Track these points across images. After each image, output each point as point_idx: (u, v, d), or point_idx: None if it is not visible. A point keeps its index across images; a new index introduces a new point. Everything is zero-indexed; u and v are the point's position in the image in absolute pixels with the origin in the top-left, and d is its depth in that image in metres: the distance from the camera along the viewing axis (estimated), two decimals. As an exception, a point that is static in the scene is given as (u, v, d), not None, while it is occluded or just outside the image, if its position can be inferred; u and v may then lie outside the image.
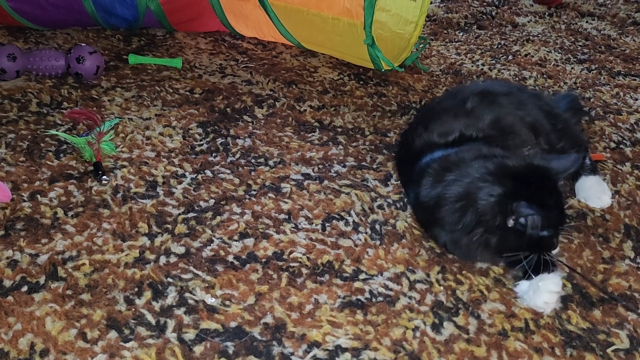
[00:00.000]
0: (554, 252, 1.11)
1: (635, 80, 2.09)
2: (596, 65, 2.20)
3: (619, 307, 1.09)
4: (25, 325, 0.93)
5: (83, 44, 1.71)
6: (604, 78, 2.10)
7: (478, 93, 1.36)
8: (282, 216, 1.24)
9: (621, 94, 1.97)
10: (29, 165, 1.31)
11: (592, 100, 1.91)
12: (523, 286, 1.08)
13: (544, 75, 2.08)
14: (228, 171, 1.37)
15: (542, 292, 1.04)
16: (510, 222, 1.05)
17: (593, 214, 1.33)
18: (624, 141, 1.65)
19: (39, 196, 1.22)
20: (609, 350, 1.00)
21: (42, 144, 1.39)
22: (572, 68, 2.17)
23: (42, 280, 1.02)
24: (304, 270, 1.11)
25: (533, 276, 1.06)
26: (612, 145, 1.63)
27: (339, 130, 1.60)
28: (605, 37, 2.53)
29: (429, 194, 1.15)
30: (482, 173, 1.09)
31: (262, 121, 1.60)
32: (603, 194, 1.35)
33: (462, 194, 1.09)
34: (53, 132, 1.41)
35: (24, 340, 0.91)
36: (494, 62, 2.17)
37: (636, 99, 1.93)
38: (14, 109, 1.52)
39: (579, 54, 2.32)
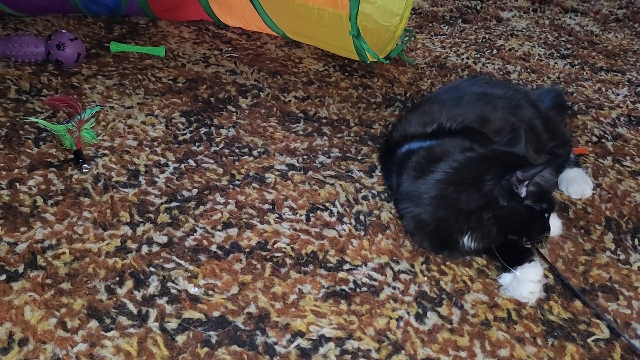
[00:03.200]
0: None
1: (617, 75, 2.12)
2: (579, 61, 2.22)
3: (600, 298, 1.10)
4: (4, 314, 0.91)
5: (64, 31, 1.67)
6: (586, 73, 2.11)
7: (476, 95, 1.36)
8: (266, 206, 1.23)
9: (603, 89, 1.99)
10: (8, 152, 1.28)
11: (574, 95, 1.92)
12: (506, 278, 1.09)
13: (528, 70, 2.09)
14: (211, 161, 1.36)
15: (525, 282, 1.05)
16: (523, 192, 1.04)
17: (575, 207, 1.34)
18: (606, 135, 1.67)
19: (17, 184, 1.20)
20: (589, 340, 1.01)
21: (21, 132, 1.36)
22: (555, 63, 2.19)
23: (20, 269, 1.00)
24: (288, 261, 1.10)
25: (513, 270, 1.06)
26: (594, 139, 1.65)
27: (324, 121, 1.60)
28: (588, 33, 2.55)
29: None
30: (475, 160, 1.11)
31: (247, 111, 1.59)
32: (585, 184, 1.37)
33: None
34: (33, 119, 1.38)
35: (2, 330, 0.89)
36: (478, 55, 2.18)
37: (618, 94, 1.95)
38: (-8, 96, 1.48)
39: (562, 49, 2.34)
